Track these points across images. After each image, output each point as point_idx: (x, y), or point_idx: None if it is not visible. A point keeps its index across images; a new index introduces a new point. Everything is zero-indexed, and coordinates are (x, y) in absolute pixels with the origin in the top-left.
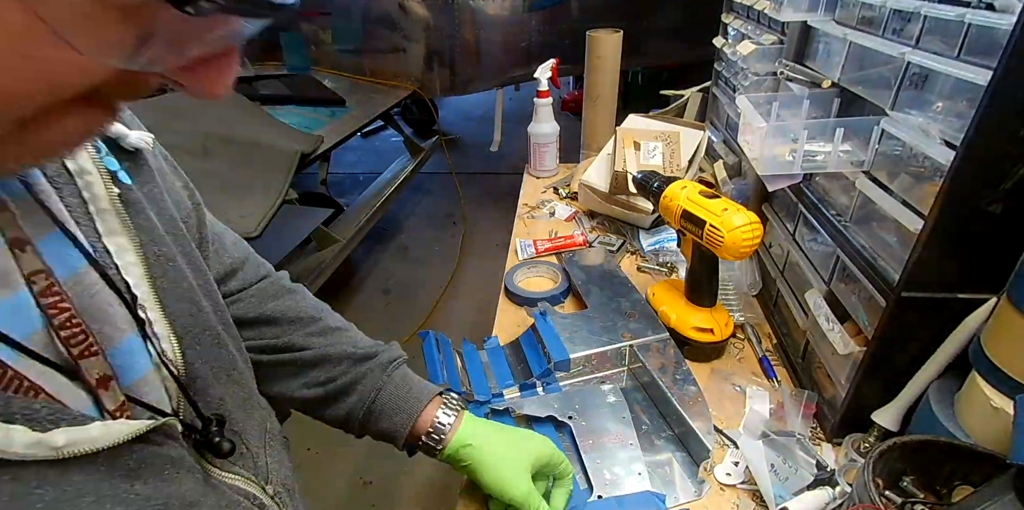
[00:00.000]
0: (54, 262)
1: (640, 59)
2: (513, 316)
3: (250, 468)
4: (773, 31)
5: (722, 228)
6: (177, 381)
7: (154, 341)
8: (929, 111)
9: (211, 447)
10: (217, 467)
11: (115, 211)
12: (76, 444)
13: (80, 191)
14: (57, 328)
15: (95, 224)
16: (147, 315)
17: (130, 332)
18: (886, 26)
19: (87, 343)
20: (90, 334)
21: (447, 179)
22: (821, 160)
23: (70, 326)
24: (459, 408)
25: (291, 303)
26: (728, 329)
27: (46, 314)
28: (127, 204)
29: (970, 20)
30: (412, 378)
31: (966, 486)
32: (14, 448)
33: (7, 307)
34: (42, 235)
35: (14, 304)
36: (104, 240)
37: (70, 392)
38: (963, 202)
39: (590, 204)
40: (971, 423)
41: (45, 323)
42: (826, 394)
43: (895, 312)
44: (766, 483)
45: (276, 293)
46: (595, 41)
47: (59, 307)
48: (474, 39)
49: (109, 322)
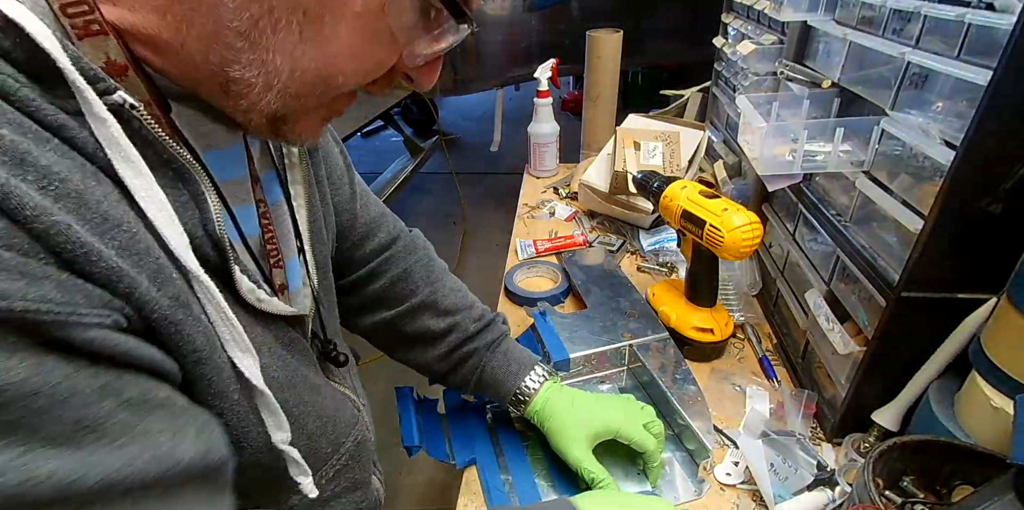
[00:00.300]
0: (267, 194)
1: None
2: (513, 316)
3: (348, 385)
4: (773, 31)
5: (722, 228)
6: (315, 297)
7: (307, 265)
8: (929, 111)
9: (330, 357)
10: (327, 376)
11: (300, 166)
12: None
13: (282, 148)
14: (266, 240)
15: (287, 173)
16: (304, 245)
17: (294, 255)
18: (886, 26)
19: (279, 257)
20: (280, 253)
21: (447, 179)
22: (821, 160)
23: (273, 243)
24: (544, 377)
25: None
26: (728, 329)
27: (262, 228)
28: (305, 162)
29: (970, 20)
30: (511, 354)
31: (966, 486)
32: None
33: (245, 213)
34: (265, 172)
35: (248, 212)
36: (289, 186)
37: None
38: (963, 202)
39: (590, 204)
40: (971, 423)
41: (261, 235)
42: (826, 394)
43: (895, 312)
44: (766, 483)
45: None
46: (595, 41)
47: (269, 228)
48: (474, 39)
49: (285, 244)
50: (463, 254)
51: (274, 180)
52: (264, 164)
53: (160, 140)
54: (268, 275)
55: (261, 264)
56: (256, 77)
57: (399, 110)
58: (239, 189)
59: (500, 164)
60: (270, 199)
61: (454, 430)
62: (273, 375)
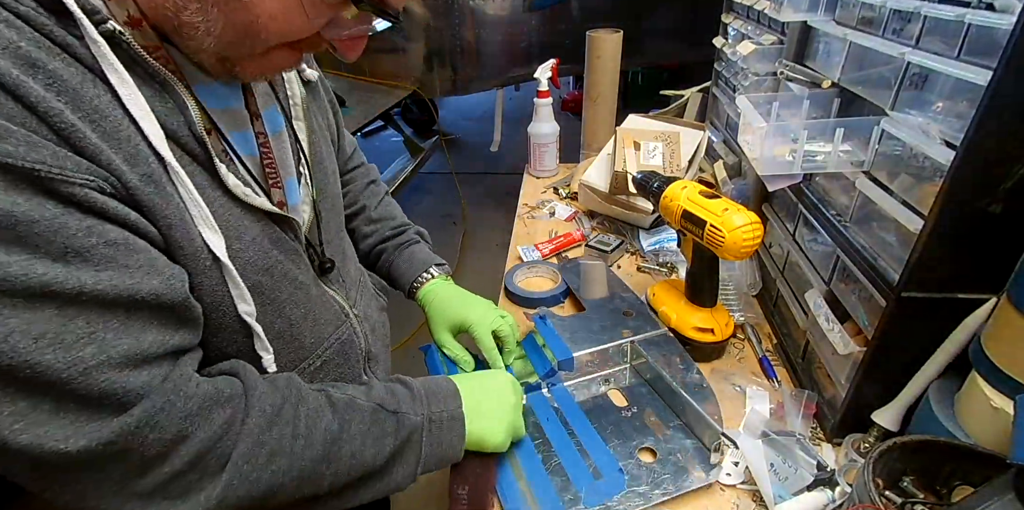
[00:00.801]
0: (268, 125)
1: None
2: (513, 316)
3: (343, 293)
4: (773, 31)
5: (723, 228)
6: (315, 212)
7: (308, 184)
8: (929, 111)
9: (319, 264)
10: (324, 283)
11: (302, 105)
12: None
13: (286, 90)
14: (264, 163)
15: (291, 109)
16: (305, 169)
17: (293, 177)
18: (886, 26)
19: (277, 178)
20: (278, 174)
21: (447, 179)
22: (821, 160)
23: (271, 166)
24: (434, 275)
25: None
26: (729, 329)
27: (260, 152)
28: (306, 104)
29: (970, 20)
30: (416, 256)
31: (966, 486)
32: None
33: (241, 137)
34: (266, 107)
35: (245, 136)
36: (293, 121)
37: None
38: (963, 202)
39: (590, 204)
40: (971, 423)
41: (259, 156)
42: (826, 394)
43: (895, 312)
44: (766, 483)
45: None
46: (595, 41)
47: (268, 155)
48: (474, 39)
49: (285, 166)
50: (463, 254)
51: (277, 114)
52: (266, 102)
53: (143, 59)
54: (267, 189)
55: (258, 178)
56: (200, 23)
57: (399, 110)
58: (234, 117)
59: (500, 164)
60: (270, 130)
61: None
62: (247, 258)
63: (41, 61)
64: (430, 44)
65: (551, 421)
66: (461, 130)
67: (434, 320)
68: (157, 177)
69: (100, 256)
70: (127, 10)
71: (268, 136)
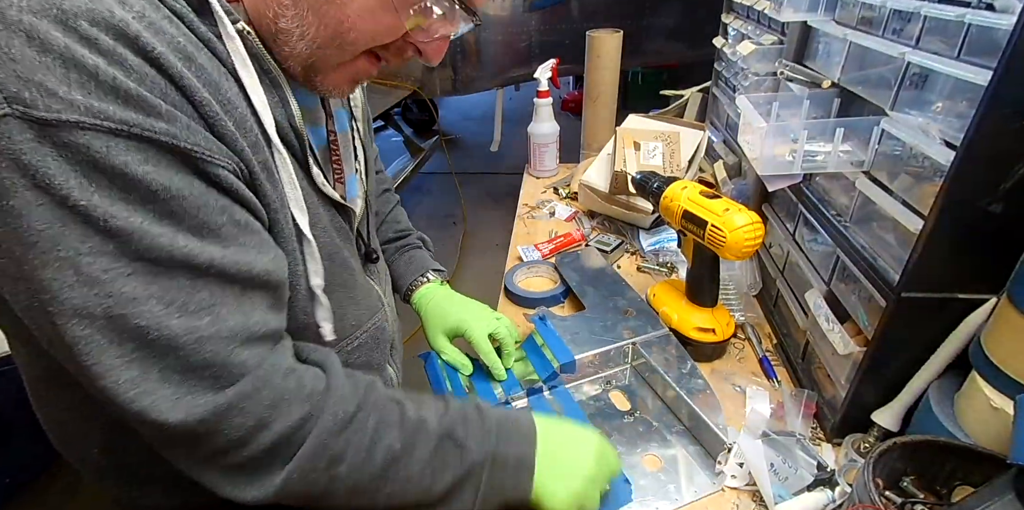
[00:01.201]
0: (337, 125)
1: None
2: (513, 316)
3: (379, 284)
4: (773, 31)
5: (724, 228)
6: (367, 202)
7: (362, 181)
8: (929, 111)
9: (366, 253)
10: (367, 273)
11: (361, 107)
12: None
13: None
14: (332, 159)
15: (353, 111)
16: (361, 166)
17: (353, 173)
18: (886, 26)
19: (341, 173)
20: (343, 170)
21: (447, 179)
22: (821, 160)
23: (338, 162)
24: (430, 279)
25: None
26: (730, 329)
27: (330, 148)
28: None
29: (970, 20)
30: (415, 259)
31: (966, 486)
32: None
33: (317, 132)
34: (337, 107)
35: (319, 132)
36: (357, 123)
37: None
38: (963, 202)
39: (590, 204)
40: (971, 423)
41: (327, 150)
42: (826, 394)
43: (895, 312)
44: (766, 483)
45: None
46: (595, 41)
47: (336, 152)
48: (474, 39)
49: (348, 163)
50: (463, 254)
51: (345, 116)
52: (336, 104)
53: (262, 55)
54: (332, 183)
55: (326, 172)
56: (295, 28)
57: (399, 110)
58: (314, 115)
59: (500, 164)
60: (338, 128)
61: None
62: (321, 242)
63: (193, 55)
64: None
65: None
66: (461, 130)
67: (430, 324)
68: (269, 165)
69: (227, 234)
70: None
71: (336, 134)
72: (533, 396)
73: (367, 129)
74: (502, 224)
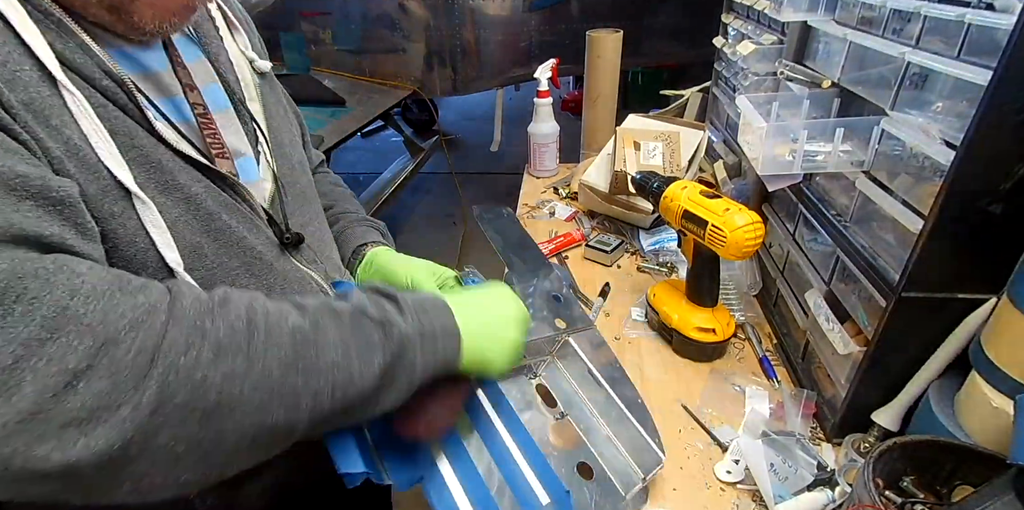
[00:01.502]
0: (208, 99)
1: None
2: None
3: (319, 271)
4: (773, 31)
5: (724, 228)
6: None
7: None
8: (929, 111)
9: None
10: (295, 259)
11: (255, 88)
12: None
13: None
14: (204, 134)
15: (243, 92)
16: (264, 148)
17: (250, 155)
18: (886, 26)
19: (223, 150)
20: (225, 145)
21: (447, 179)
22: (821, 160)
23: (213, 136)
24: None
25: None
26: (730, 329)
27: (198, 121)
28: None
29: (970, 20)
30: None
31: (966, 486)
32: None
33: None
34: (206, 84)
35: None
36: (248, 103)
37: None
38: (963, 202)
39: (590, 204)
40: (971, 423)
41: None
42: (826, 394)
43: (895, 312)
44: (766, 483)
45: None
46: (595, 41)
47: (208, 126)
48: (474, 39)
49: (238, 144)
50: (463, 254)
51: (219, 92)
52: (205, 80)
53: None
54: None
55: (197, 145)
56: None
57: (399, 110)
58: (159, 82)
59: (500, 164)
60: (213, 105)
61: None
62: (179, 213)
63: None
64: (430, 44)
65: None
66: (461, 130)
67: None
68: (41, 105)
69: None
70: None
71: (209, 110)
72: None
73: (280, 110)
74: None
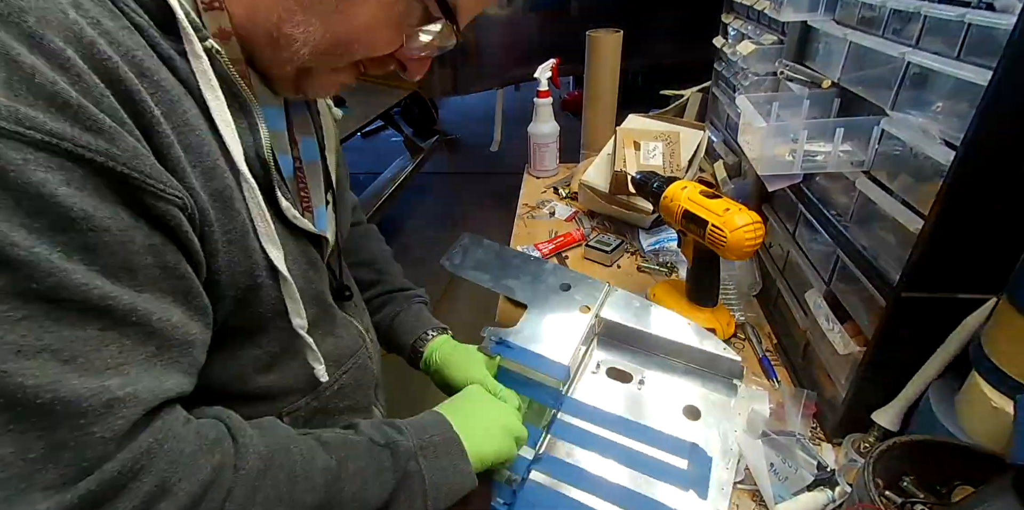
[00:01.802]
0: (304, 153)
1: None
2: (512, 315)
3: (358, 319)
4: (773, 31)
5: (724, 228)
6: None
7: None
8: (929, 111)
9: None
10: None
11: (334, 138)
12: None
13: (321, 121)
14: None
15: (324, 141)
16: (331, 197)
17: (323, 205)
18: (886, 26)
19: (308, 203)
20: (310, 198)
21: (447, 179)
22: (821, 160)
23: (305, 191)
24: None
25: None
26: (730, 329)
27: (296, 176)
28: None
29: (970, 20)
30: (423, 314)
31: (966, 486)
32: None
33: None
34: (305, 135)
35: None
36: (327, 152)
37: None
38: (963, 202)
39: (590, 204)
40: (971, 423)
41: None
42: (826, 394)
43: (895, 312)
44: (765, 483)
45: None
46: (595, 41)
47: (301, 179)
48: (474, 39)
49: (317, 194)
50: None
51: (313, 143)
52: (305, 130)
53: (233, 78)
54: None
55: (295, 201)
56: (300, 34)
57: (399, 110)
58: (281, 139)
59: (500, 164)
60: (305, 157)
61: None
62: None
63: (151, 71)
64: None
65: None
66: (461, 130)
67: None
68: (228, 194)
69: (146, 276)
70: (219, 23)
71: (303, 162)
72: (555, 426)
73: (338, 158)
74: (502, 224)
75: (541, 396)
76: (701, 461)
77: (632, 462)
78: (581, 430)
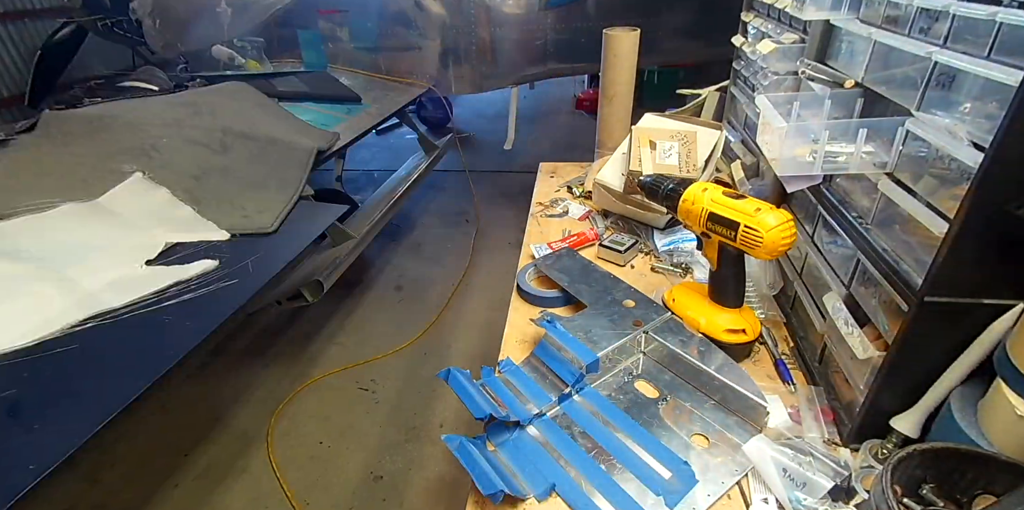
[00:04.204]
0: None
1: (657, 57)
2: (525, 314)
3: None
4: (794, 30)
5: (759, 228)
6: None
7: None
8: (956, 112)
9: None
10: None
11: None
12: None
13: None
14: None
15: None
16: None
17: None
18: (913, 25)
19: None
20: None
21: (461, 177)
22: (843, 161)
23: None
24: None
25: None
26: (758, 327)
27: None
28: None
29: (1002, 19)
30: None
31: (988, 495)
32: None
33: None
34: None
35: None
36: None
37: None
38: (991, 205)
39: (604, 203)
40: (994, 431)
41: None
42: (844, 399)
43: (917, 317)
44: (778, 488)
45: None
46: (612, 39)
47: None
48: (489, 37)
49: None
50: (475, 252)
51: None
52: None
53: None
54: None
55: None
56: None
57: (414, 108)
58: None
59: (513, 162)
60: None
61: (515, 463)
62: None
63: None
64: (446, 42)
65: (595, 426)
66: (475, 128)
67: None
68: None
69: None
70: None
71: None
72: (564, 402)
73: None
74: (515, 222)
75: (564, 371)
76: (686, 479)
77: (619, 454)
78: (588, 414)
